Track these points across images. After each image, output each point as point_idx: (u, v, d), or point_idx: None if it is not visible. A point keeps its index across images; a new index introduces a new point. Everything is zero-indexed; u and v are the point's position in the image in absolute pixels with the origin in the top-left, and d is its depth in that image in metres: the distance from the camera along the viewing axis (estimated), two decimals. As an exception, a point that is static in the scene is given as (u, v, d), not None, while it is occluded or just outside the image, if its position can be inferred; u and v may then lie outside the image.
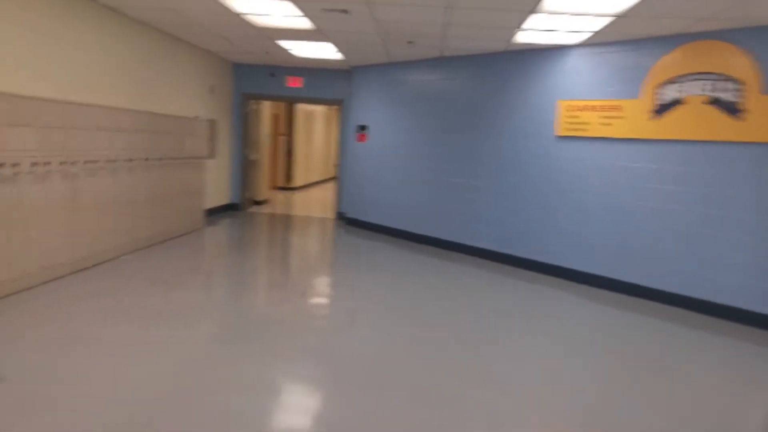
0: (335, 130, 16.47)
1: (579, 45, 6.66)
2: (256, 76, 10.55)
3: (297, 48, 8.25)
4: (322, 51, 8.37)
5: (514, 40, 6.63)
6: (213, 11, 6.19)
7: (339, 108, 10.70)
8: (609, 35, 6.10)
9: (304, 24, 6.57)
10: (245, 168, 10.88)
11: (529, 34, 6.27)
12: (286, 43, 7.94)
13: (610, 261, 6.43)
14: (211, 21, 6.80)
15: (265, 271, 6.83)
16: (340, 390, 3.54)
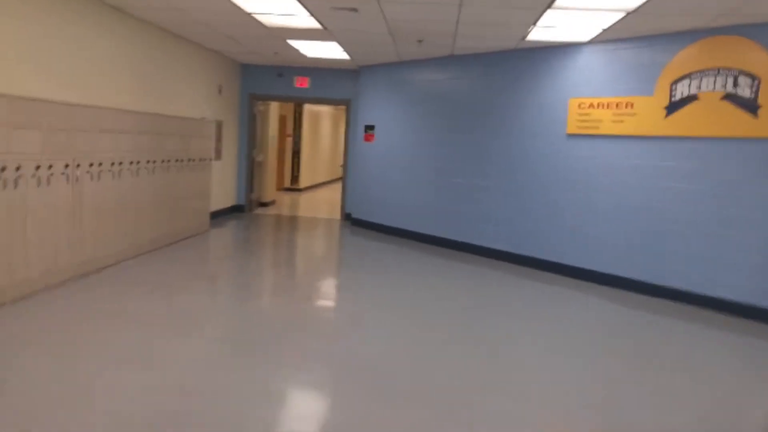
0: (342, 130, 16.39)
1: (591, 42, 6.53)
2: (264, 76, 10.46)
3: (307, 48, 8.16)
4: (332, 51, 8.28)
5: (525, 37, 6.51)
6: (222, 11, 6.10)
7: (346, 108, 10.61)
8: (621, 32, 5.98)
9: (313, 23, 6.48)
10: (251, 169, 10.80)
11: (541, 31, 6.15)
12: (296, 43, 7.86)
13: (622, 259, 6.29)
14: (219, 21, 6.72)
15: (271, 274, 6.74)
16: (349, 396, 3.43)
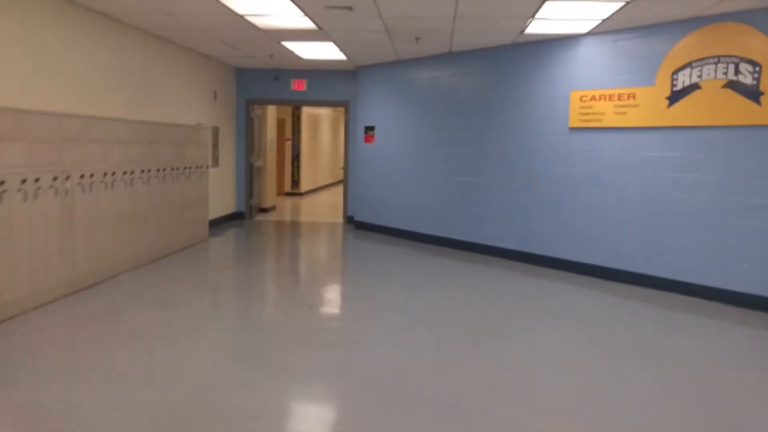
0: (342, 132, 16.26)
1: (590, 33, 6.37)
2: (260, 80, 10.32)
3: (302, 49, 8.01)
4: (327, 51, 8.13)
5: (524, 31, 6.35)
6: (213, 13, 5.97)
7: (345, 110, 10.45)
8: (621, 22, 5.82)
9: (307, 23, 6.33)
10: (250, 175, 10.66)
11: (539, 23, 6.00)
12: (291, 45, 7.71)
13: (631, 253, 6.13)
14: (211, 24, 6.58)
15: (272, 284, 6.57)
16: (357, 411, 3.28)
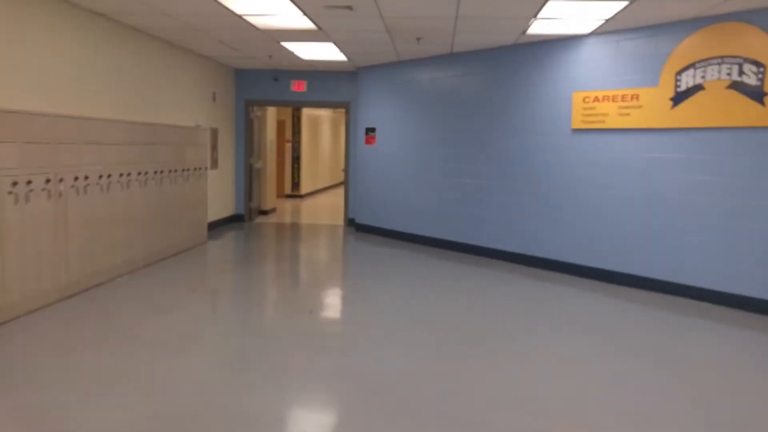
0: (342, 134, 16.18)
1: (593, 33, 6.27)
2: (259, 81, 10.23)
3: (302, 50, 7.92)
4: (327, 52, 8.05)
5: (526, 31, 6.26)
6: (211, 13, 5.88)
7: (346, 111, 10.36)
8: (623, 22, 5.73)
9: (306, 24, 6.25)
10: (250, 177, 10.56)
11: (542, 24, 5.91)
12: (290, 45, 7.63)
13: (635, 256, 6.02)
14: (209, 24, 6.50)
15: (272, 288, 6.47)
16: (358, 414, 3.19)
